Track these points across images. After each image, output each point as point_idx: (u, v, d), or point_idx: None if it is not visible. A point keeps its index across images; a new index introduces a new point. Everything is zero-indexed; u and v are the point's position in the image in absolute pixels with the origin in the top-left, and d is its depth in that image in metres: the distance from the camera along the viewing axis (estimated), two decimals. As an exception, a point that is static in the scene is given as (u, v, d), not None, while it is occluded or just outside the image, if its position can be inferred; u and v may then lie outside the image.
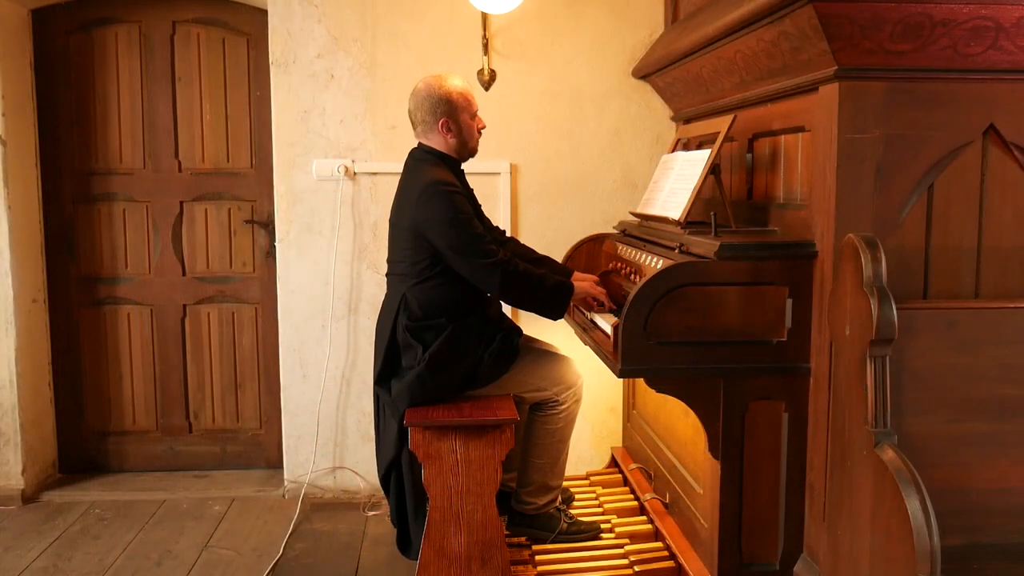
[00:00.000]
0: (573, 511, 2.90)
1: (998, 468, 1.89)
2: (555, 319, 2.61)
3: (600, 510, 2.96)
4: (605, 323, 2.44)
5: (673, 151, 2.92)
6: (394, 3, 3.39)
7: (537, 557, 2.66)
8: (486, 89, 3.42)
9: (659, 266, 2.36)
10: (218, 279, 3.74)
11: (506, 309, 3.07)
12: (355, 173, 3.43)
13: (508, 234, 3.13)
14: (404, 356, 2.56)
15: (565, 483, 3.14)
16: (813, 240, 2.13)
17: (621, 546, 2.68)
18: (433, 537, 2.48)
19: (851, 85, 1.99)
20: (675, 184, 2.62)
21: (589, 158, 3.48)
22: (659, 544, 2.68)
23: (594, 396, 3.44)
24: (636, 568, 2.54)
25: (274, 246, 3.55)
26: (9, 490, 3.48)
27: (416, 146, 2.68)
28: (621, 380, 3.34)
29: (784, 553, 2.28)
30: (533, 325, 2.97)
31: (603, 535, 2.77)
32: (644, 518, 2.85)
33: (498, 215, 3.44)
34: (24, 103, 3.54)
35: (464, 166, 2.71)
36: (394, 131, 3.42)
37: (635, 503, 2.96)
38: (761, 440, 2.23)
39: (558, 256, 3.24)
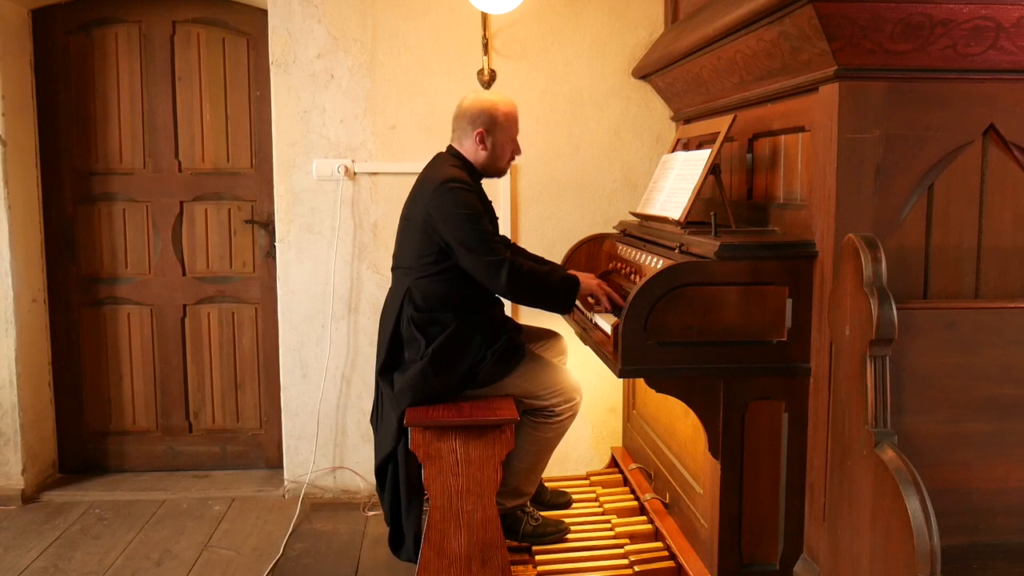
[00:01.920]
0: (573, 511, 2.89)
1: (998, 468, 1.89)
2: (564, 313, 2.65)
3: (600, 510, 2.96)
4: (605, 323, 2.44)
5: (673, 151, 2.92)
6: (394, 3, 3.39)
7: (537, 557, 2.66)
8: (486, 89, 3.42)
9: (659, 266, 2.36)
10: (218, 279, 3.74)
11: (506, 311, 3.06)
12: (355, 173, 3.43)
13: (512, 242, 3.12)
14: (407, 350, 2.56)
15: (564, 485, 3.15)
16: (813, 240, 2.13)
17: (621, 546, 2.68)
18: (433, 537, 2.48)
19: (851, 85, 1.99)
20: (675, 184, 2.62)
21: (589, 158, 3.48)
22: (659, 544, 2.68)
23: (594, 396, 3.44)
24: (636, 568, 2.54)
25: (274, 246, 3.55)
26: (9, 490, 3.48)
27: (447, 147, 2.71)
28: (621, 380, 3.34)
29: (784, 553, 2.28)
30: (535, 323, 2.97)
31: (603, 535, 2.77)
32: (644, 518, 2.85)
33: (498, 215, 3.43)
34: (24, 103, 3.54)
35: None
36: (394, 131, 3.42)
37: (635, 503, 2.96)
38: (761, 440, 2.23)
39: (558, 256, 3.24)
